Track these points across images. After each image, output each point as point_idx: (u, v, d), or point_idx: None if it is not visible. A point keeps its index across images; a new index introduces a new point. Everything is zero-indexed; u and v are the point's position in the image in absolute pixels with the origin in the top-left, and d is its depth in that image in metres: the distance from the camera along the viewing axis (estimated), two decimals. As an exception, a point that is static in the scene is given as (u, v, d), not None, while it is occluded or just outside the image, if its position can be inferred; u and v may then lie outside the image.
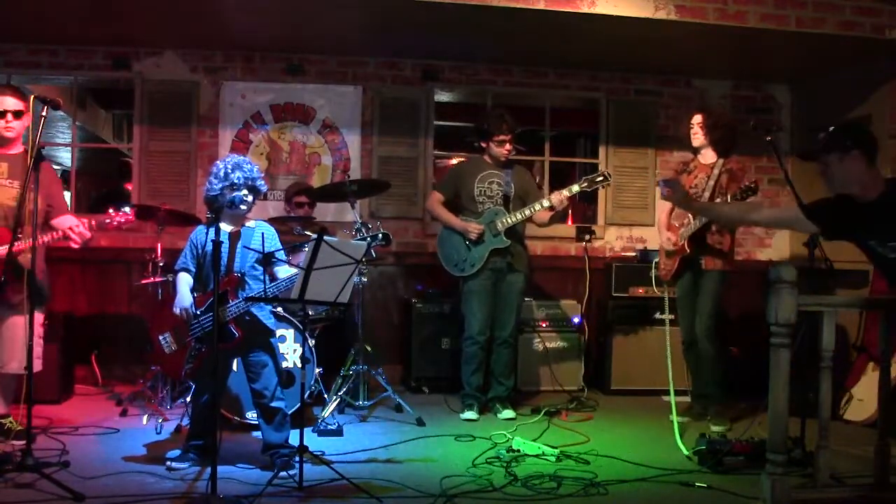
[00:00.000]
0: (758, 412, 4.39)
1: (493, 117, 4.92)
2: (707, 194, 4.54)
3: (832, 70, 6.00)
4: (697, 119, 4.70)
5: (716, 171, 4.57)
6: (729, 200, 4.39)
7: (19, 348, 3.69)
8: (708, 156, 4.68)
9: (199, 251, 3.67)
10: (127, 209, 3.80)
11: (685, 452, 4.00)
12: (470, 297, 4.89)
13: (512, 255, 4.87)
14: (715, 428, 4.52)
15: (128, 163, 6.89)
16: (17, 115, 3.84)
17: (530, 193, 4.95)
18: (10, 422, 3.91)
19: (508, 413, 4.82)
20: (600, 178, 4.74)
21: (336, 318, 5.16)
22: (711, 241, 4.59)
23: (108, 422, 4.44)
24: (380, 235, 4.16)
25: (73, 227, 3.75)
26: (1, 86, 4.35)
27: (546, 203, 4.74)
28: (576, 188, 4.73)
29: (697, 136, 4.68)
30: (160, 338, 3.69)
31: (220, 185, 3.56)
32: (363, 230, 4.38)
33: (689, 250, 4.58)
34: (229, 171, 3.57)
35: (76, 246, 3.82)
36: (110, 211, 3.78)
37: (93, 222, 3.80)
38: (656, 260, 4.98)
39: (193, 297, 3.65)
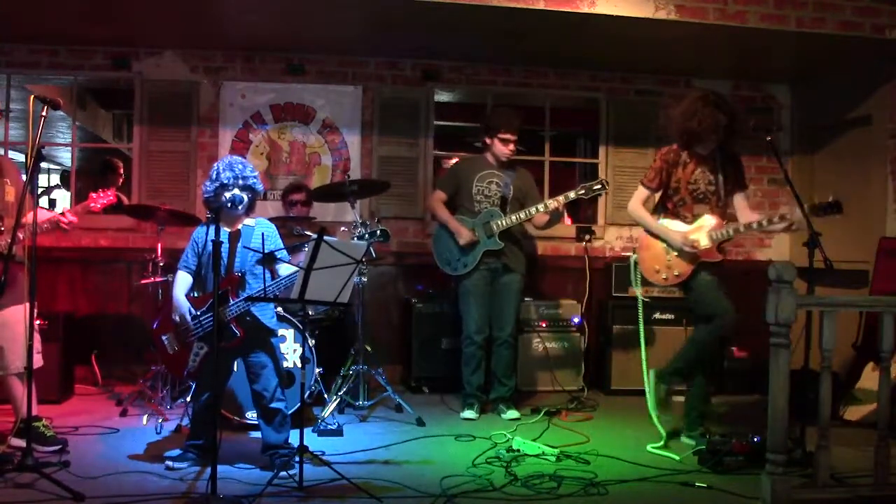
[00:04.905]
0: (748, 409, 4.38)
1: (502, 113, 4.91)
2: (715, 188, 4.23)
3: (832, 70, 6.00)
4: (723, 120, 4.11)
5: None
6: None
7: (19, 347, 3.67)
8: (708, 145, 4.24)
9: (201, 249, 3.67)
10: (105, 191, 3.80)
11: (676, 457, 4.01)
12: (465, 297, 4.89)
13: (507, 256, 4.87)
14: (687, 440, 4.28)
15: (112, 161, 6.72)
16: None
17: (529, 197, 4.94)
18: (44, 426, 3.84)
19: (513, 413, 4.82)
20: (598, 187, 4.72)
21: (336, 318, 5.16)
22: None
23: (108, 422, 4.44)
24: (378, 232, 4.15)
25: (58, 216, 3.69)
26: None
27: (541, 207, 4.72)
28: (572, 195, 4.70)
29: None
30: (162, 338, 3.69)
31: (213, 186, 3.58)
32: (362, 229, 4.38)
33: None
34: (220, 171, 3.59)
35: (66, 227, 3.76)
36: (92, 194, 3.77)
37: (77, 207, 3.80)
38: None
39: (193, 295, 3.65)
